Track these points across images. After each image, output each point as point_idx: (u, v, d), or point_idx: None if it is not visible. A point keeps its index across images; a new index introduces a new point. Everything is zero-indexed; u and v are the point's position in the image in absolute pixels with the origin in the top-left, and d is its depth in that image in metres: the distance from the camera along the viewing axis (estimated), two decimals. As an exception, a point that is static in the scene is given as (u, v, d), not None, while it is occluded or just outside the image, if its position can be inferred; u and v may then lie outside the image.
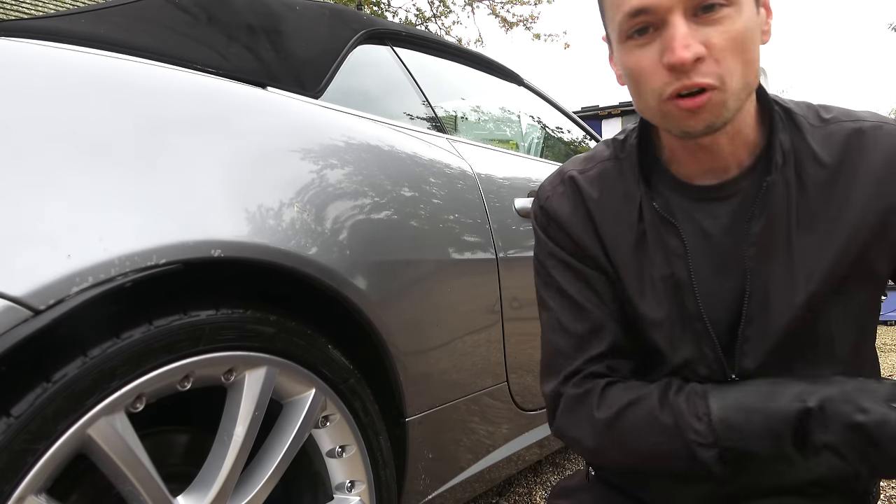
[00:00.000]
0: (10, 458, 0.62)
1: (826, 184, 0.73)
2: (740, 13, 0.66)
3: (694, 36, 0.66)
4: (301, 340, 0.91)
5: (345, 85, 1.33)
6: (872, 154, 0.72)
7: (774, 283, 0.74)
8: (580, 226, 0.85)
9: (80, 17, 1.08)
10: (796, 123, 0.76)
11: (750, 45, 0.68)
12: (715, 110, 0.68)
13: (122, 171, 0.75)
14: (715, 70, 0.67)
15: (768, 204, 0.74)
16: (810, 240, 0.73)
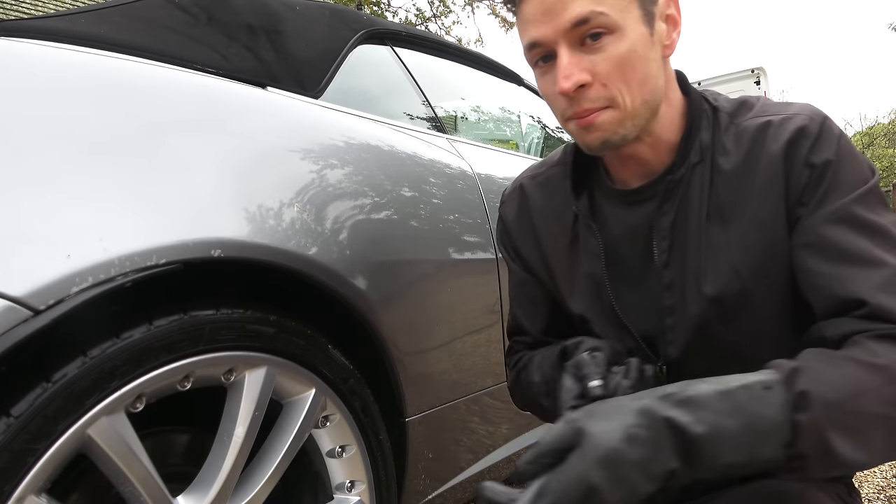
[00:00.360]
0: (10, 458, 0.62)
1: (733, 176, 0.75)
2: (622, 38, 0.71)
3: (579, 65, 0.71)
4: (301, 340, 0.91)
5: (345, 85, 1.33)
6: (773, 145, 0.73)
7: (689, 274, 0.78)
8: (520, 230, 0.95)
9: (80, 17, 1.08)
10: (717, 121, 0.78)
11: (639, 65, 0.72)
12: (608, 127, 0.74)
13: (122, 170, 0.75)
14: (603, 94, 0.72)
15: (679, 199, 0.77)
16: (719, 231, 0.76)
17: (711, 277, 0.76)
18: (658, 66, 0.74)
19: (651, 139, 0.78)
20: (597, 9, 0.69)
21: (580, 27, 0.70)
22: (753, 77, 7.16)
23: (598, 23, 0.69)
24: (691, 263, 0.77)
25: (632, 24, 0.71)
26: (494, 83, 2.11)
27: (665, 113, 0.78)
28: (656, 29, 0.74)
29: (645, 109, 0.74)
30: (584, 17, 0.69)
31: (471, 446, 1.32)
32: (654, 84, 0.74)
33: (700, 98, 0.80)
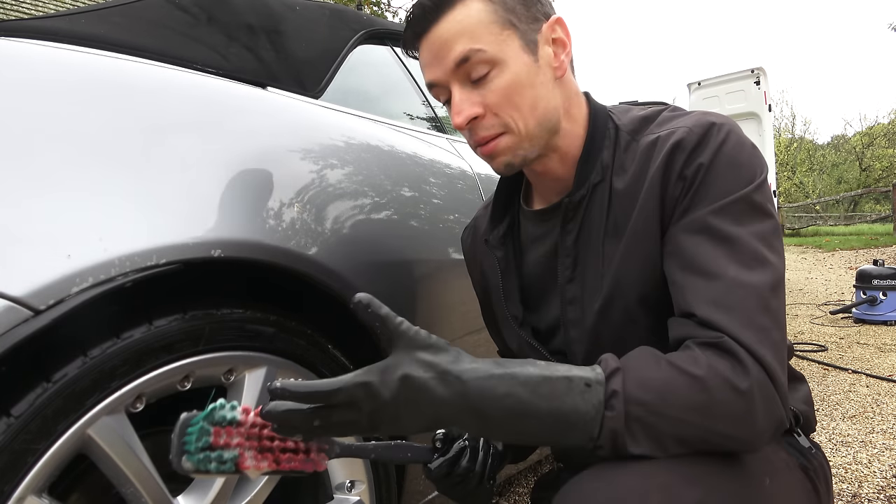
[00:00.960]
0: (10, 458, 0.62)
1: (625, 195, 0.78)
2: (505, 70, 0.75)
3: (469, 99, 0.77)
4: (301, 340, 0.91)
5: (345, 85, 1.33)
6: (654, 162, 0.75)
7: (587, 289, 0.81)
8: (470, 259, 1.04)
9: (81, 17, 1.08)
10: (617, 139, 0.81)
11: (526, 92, 0.76)
12: (508, 151, 0.79)
13: (122, 171, 0.75)
14: (496, 122, 0.78)
15: (582, 218, 0.81)
16: (614, 247, 0.78)
17: (602, 290, 0.79)
18: (549, 88, 0.78)
19: (558, 154, 0.83)
20: (474, 46, 0.74)
21: (464, 65, 0.75)
22: (753, 77, 7.16)
23: (478, 59, 0.75)
24: (590, 279, 0.81)
25: (512, 55, 0.75)
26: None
27: (569, 129, 0.82)
28: (541, 55, 0.78)
29: (540, 130, 0.79)
30: (464, 55, 0.75)
31: (471, 446, 1.32)
32: (546, 106, 0.78)
33: (604, 116, 0.83)
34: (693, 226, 0.72)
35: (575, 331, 0.84)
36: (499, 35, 0.75)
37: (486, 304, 1.02)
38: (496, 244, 0.92)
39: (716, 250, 0.70)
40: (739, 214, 0.71)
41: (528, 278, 0.91)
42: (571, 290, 0.83)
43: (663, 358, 0.66)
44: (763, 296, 0.68)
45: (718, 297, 0.68)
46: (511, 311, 0.91)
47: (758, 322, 0.66)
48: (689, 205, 0.73)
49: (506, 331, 0.95)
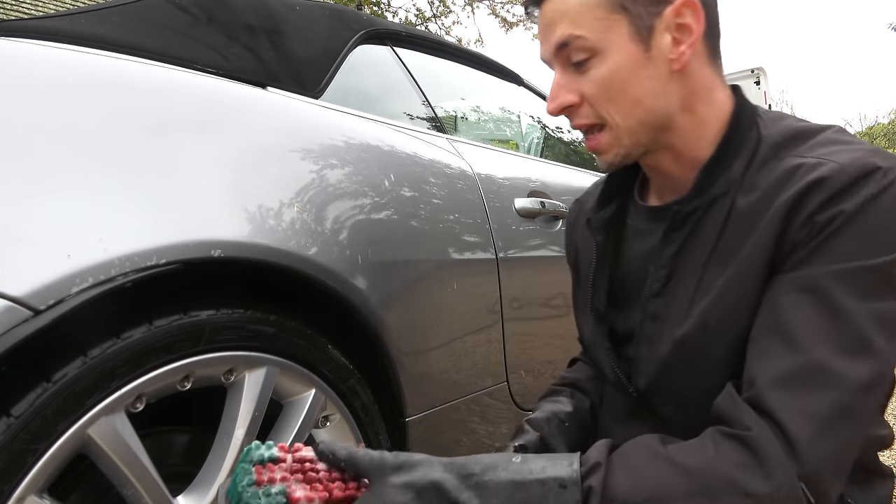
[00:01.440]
0: (10, 458, 0.62)
1: (745, 218, 0.68)
2: (605, 60, 0.69)
3: (567, 86, 0.72)
4: (301, 340, 0.91)
5: (345, 85, 1.33)
6: (790, 190, 0.64)
7: (673, 309, 0.73)
8: (569, 233, 0.98)
9: (81, 17, 1.08)
10: (756, 151, 0.71)
11: (627, 86, 0.69)
12: (609, 150, 0.73)
13: (122, 170, 0.75)
14: (592, 112, 0.72)
15: (689, 231, 0.72)
16: (716, 274, 0.69)
17: (687, 321, 0.71)
18: (660, 82, 0.70)
19: (672, 153, 0.74)
20: (574, 32, 0.68)
21: (564, 50, 0.70)
22: (753, 77, 7.16)
23: (577, 46, 0.69)
24: (679, 301, 0.73)
25: (617, 44, 0.68)
26: (494, 83, 2.11)
27: (689, 127, 0.72)
28: (655, 44, 0.69)
29: (642, 128, 0.71)
30: (563, 40, 0.70)
31: (471, 446, 1.32)
32: (653, 103, 0.70)
33: (749, 121, 0.72)
34: (802, 282, 0.62)
35: (647, 349, 0.76)
36: (604, 20, 0.68)
37: (574, 283, 0.95)
38: (598, 227, 0.84)
39: (815, 320, 0.60)
40: (866, 287, 0.60)
41: (622, 273, 0.83)
42: (655, 305, 0.75)
43: (664, 449, 0.60)
44: (848, 392, 0.58)
45: (788, 375, 0.59)
46: (595, 302, 0.84)
47: (823, 415, 0.57)
48: (808, 256, 0.62)
49: (583, 319, 0.89)
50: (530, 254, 1.51)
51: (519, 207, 1.48)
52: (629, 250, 0.82)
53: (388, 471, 0.60)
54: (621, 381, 0.81)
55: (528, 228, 1.49)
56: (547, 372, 1.56)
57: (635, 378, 0.79)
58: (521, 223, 1.48)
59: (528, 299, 1.48)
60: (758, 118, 0.73)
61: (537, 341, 1.54)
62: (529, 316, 1.50)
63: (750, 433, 0.57)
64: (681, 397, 0.74)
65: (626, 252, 0.83)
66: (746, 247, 0.66)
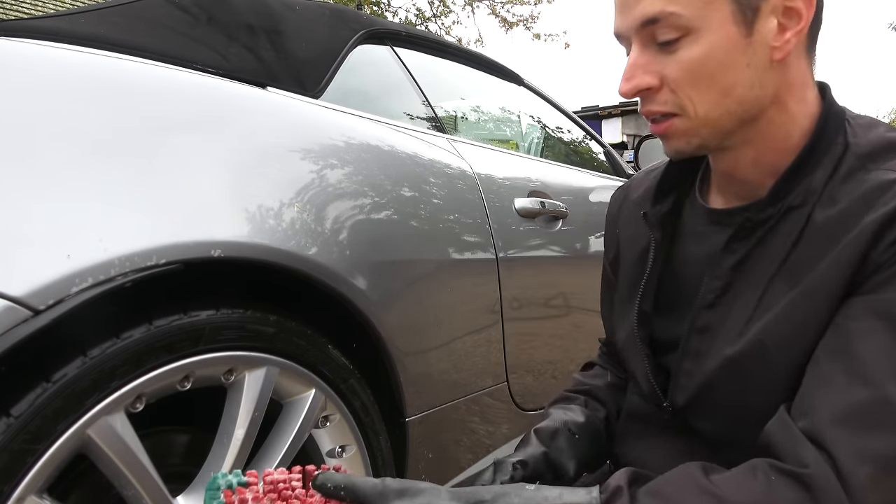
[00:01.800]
0: (10, 458, 0.62)
1: (823, 233, 0.62)
2: (698, 41, 0.61)
3: (646, 66, 0.64)
4: (301, 340, 0.91)
5: (345, 85, 1.33)
6: (880, 209, 0.58)
7: (726, 324, 0.68)
8: (610, 226, 0.89)
9: (80, 17, 1.08)
10: (841, 161, 0.64)
11: (719, 73, 0.62)
12: (681, 137, 0.66)
13: (122, 171, 0.75)
14: (671, 98, 0.64)
15: (756, 242, 0.67)
16: (783, 291, 0.64)
17: (740, 339, 0.66)
18: (756, 72, 0.62)
19: (753, 151, 0.67)
20: (668, 8, 0.60)
21: (650, 26, 0.62)
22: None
23: (670, 23, 0.61)
24: (736, 316, 0.67)
25: (715, 24, 0.60)
26: (494, 83, 2.11)
27: (776, 125, 0.66)
28: (758, 28, 0.61)
29: (728, 120, 0.64)
30: (652, 16, 0.61)
31: (471, 446, 1.32)
32: (744, 94, 0.63)
33: (837, 126, 0.66)
34: (878, 306, 0.57)
35: (691, 364, 0.71)
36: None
37: (608, 280, 0.89)
38: (655, 223, 0.76)
39: (888, 350, 0.55)
40: None
41: (672, 276, 0.76)
42: (706, 317, 0.69)
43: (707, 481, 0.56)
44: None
45: (853, 409, 0.54)
46: (643, 304, 0.77)
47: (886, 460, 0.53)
48: (888, 280, 0.57)
49: (621, 321, 0.82)
50: (530, 254, 1.51)
51: (519, 207, 1.48)
52: (682, 252, 0.76)
53: (390, 497, 0.56)
54: (656, 393, 0.75)
55: (528, 228, 1.49)
56: (547, 372, 1.56)
57: (672, 392, 0.74)
58: (521, 223, 1.47)
59: (528, 299, 1.48)
60: (846, 123, 0.66)
61: (537, 341, 1.54)
62: (529, 316, 1.50)
63: (808, 471, 0.53)
64: (722, 416, 0.70)
65: (679, 253, 0.76)
66: (822, 264, 0.61)
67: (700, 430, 0.73)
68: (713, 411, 0.70)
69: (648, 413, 0.79)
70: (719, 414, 0.70)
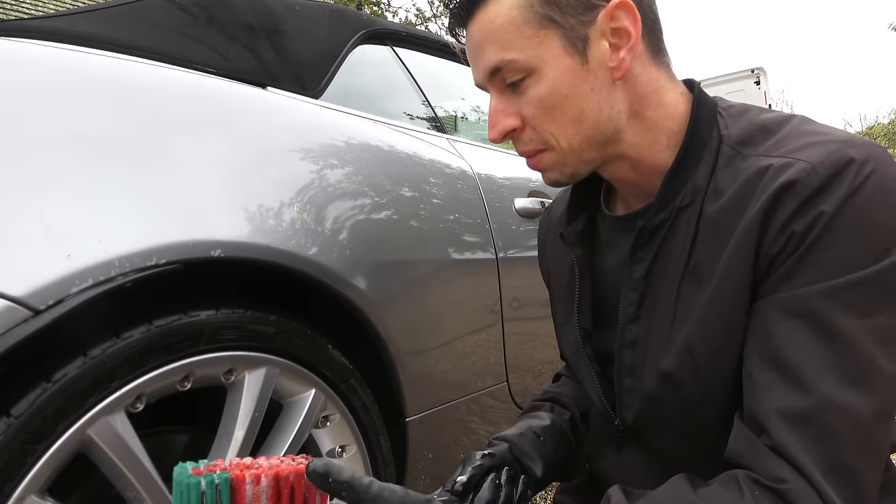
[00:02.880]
0: (10, 458, 0.62)
1: (714, 227, 0.63)
2: (541, 78, 0.64)
3: (506, 110, 0.67)
4: (301, 340, 0.91)
5: (345, 85, 1.33)
6: (759, 198, 0.59)
7: (654, 336, 0.68)
8: (541, 246, 0.93)
9: (80, 17, 1.08)
10: (719, 152, 0.65)
11: (567, 103, 0.64)
12: (553, 169, 0.69)
13: (122, 171, 0.75)
14: (534, 136, 0.67)
15: (659, 246, 0.67)
16: (693, 292, 0.64)
17: (671, 349, 0.66)
18: (601, 95, 0.65)
19: (628, 163, 0.69)
20: (506, 56, 0.64)
21: (497, 74, 0.66)
22: (753, 77, 7.15)
23: (511, 68, 0.64)
24: (659, 324, 0.67)
25: (551, 60, 0.63)
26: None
27: (638, 135, 0.67)
28: (592, 54, 0.64)
29: (588, 145, 0.66)
30: (494, 65, 0.65)
31: (471, 446, 1.32)
32: (596, 117, 0.65)
33: (710, 121, 0.67)
34: (791, 306, 0.56)
35: (630, 380, 0.71)
36: (533, 37, 0.63)
37: (552, 300, 0.90)
38: (573, 241, 0.77)
39: (814, 349, 0.55)
40: (860, 303, 0.55)
41: (601, 289, 0.77)
42: (633, 331, 0.70)
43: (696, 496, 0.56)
44: (863, 425, 0.54)
45: (802, 416, 0.54)
46: (582, 321, 0.77)
47: (846, 462, 0.54)
48: (791, 271, 0.57)
49: (566, 340, 0.84)
50: (530, 254, 1.51)
51: (519, 207, 1.48)
52: (602, 265, 0.77)
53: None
54: (607, 411, 0.75)
55: (528, 228, 1.49)
56: (547, 372, 1.56)
57: (621, 410, 0.74)
58: (521, 223, 1.48)
59: (528, 299, 1.48)
60: (718, 115, 0.68)
61: (537, 341, 1.54)
62: (529, 316, 1.50)
63: (788, 486, 0.53)
64: (670, 431, 0.70)
65: (600, 267, 0.77)
66: (721, 262, 0.61)
67: (657, 449, 0.73)
68: (660, 426, 0.70)
69: (606, 429, 0.79)
70: (666, 429, 0.70)
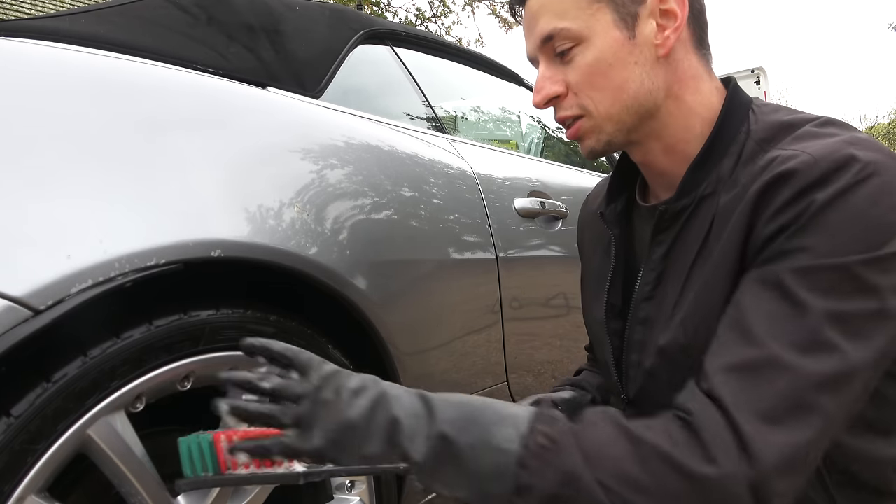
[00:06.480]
0: (10, 458, 0.62)
1: (723, 215, 0.66)
2: (590, 47, 0.69)
3: (553, 77, 0.72)
4: (301, 340, 0.91)
5: (345, 85, 1.33)
6: (759, 182, 0.62)
7: (661, 313, 0.72)
8: (580, 230, 0.98)
9: (80, 17, 1.08)
10: (744, 148, 0.69)
11: (612, 72, 0.69)
12: (590, 136, 0.73)
13: (122, 171, 0.75)
14: (575, 102, 0.72)
15: (679, 231, 0.71)
16: (700, 276, 0.68)
17: (669, 326, 0.70)
18: (644, 68, 0.70)
19: (661, 145, 0.73)
20: (559, 25, 0.70)
21: (549, 42, 0.71)
22: (753, 77, 7.15)
23: (563, 36, 0.70)
24: (667, 304, 0.71)
25: (601, 31, 0.69)
26: (494, 83, 2.11)
27: (676, 117, 0.72)
28: (640, 30, 0.70)
29: (627, 114, 0.71)
30: (548, 33, 0.70)
31: (471, 446, 1.32)
32: (637, 88, 0.70)
33: (742, 115, 0.71)
34: (766, 277, 0.59)
35: (636, 356, 0.76)
36: (587, 9, 0.69)
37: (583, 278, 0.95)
38: (613, 220, 0.82)
39: (774, 314, 0.58)
40: (830, 285, 0.57)
41: (630, 270, 0.81)
42: (646, 309, 0.74)
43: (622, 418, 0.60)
44: (802, 388, 0.55)
45: (742, 366, 0.57)
46: (612, 298, 0.81)
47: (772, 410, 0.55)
48: (775, 254, 0.59)
49: (589, 314, 0.88)
50: (530, 254, 1.51)
51: (519, 207, 1.48)
52: (634, 249, 0.82)
53: None
54: (617, 385, 0.80)
55: (528, 228, 1.49)
56: (547, 372, 1.56)
57: (627, 384, 0.78)
58: (521, 223, 1.47)
59: (528, 299, 1.48)
60: (751, 112, 0.71)
61: (537, 341, 1.54)
62: (529, 316, 1.50)
63: (693, 417, 0.57)
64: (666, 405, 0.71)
65: (632, 251, 0.82)
66: (720, 244, 0.65)
67: None
68: (656, 401, 0.71)
69: (617, 405, 0.83)
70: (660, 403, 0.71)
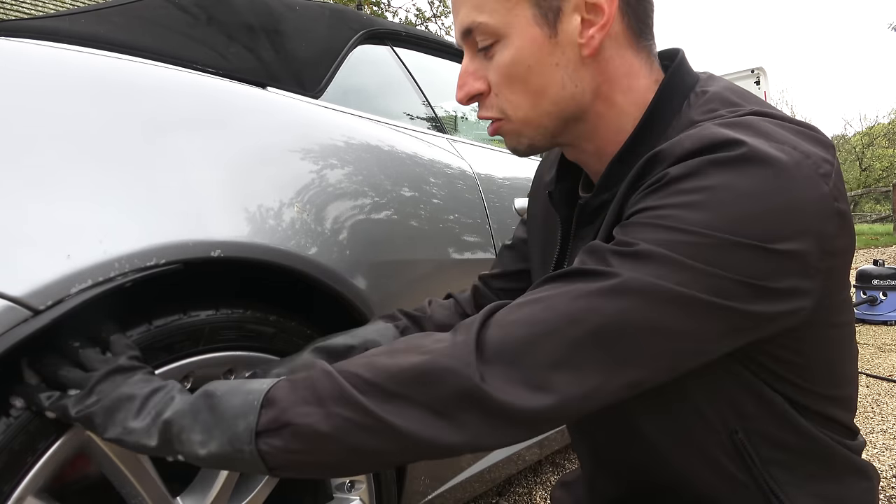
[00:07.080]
0: (10, 458, 0.62)
1: None
2: (508, 46, 0.64)
3: (476, 74, 0.67)
4: (301, 340, 0.91)
5: (345, 85, 1.33)
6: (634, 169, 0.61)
7: None
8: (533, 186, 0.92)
9: (80, 17, 1.08)
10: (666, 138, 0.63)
11: (530, 75, 0.64)
12: (512, 137, 0.69)
13: (122, 170, 0.75)
14: (496, 103, 0.67)
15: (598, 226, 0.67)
16: None
17: None
18: (566, 71, 0.64)
19: (592, 146, 0.69)
20: (477, 19, 0.64)
21: (470, 37, 0.66)
22: (753, 77, 7.14)
23: (481, 31, 0.65)
24: None
25: (519, 28, 0.63)
26: (494, 83, 2.10)
27: (604, 119, 0.67)
28: (562, 28, 0.63)
29: (548, 120, 0.66)
30: (466, 27, 0.66)
31: (471, 446, 1.32)
32: (558, 93, 0.64)
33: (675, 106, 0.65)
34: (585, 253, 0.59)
35: None
36: (506, 3, 0.63)
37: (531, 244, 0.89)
38: (560, 201, 0.78)
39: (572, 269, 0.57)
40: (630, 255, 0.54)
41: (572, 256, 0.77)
42: None
43: None
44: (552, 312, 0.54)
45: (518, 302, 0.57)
46: None
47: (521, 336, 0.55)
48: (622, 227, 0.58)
49: None
50: (530, 254, 1.50)
51: (519, 207, 1.48)
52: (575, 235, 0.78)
53: None
54: None
55: (528, 228, 1.49)
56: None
57: None
58: (521, 223, 1.47)
59: (528, 299, 1.47)
60: (686, 103, 0.65)
61: (537, 341, 1.54)
62: (529, 316, 1.50)
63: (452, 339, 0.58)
64: None
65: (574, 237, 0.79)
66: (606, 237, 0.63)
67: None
68: None
69: None
70: None
